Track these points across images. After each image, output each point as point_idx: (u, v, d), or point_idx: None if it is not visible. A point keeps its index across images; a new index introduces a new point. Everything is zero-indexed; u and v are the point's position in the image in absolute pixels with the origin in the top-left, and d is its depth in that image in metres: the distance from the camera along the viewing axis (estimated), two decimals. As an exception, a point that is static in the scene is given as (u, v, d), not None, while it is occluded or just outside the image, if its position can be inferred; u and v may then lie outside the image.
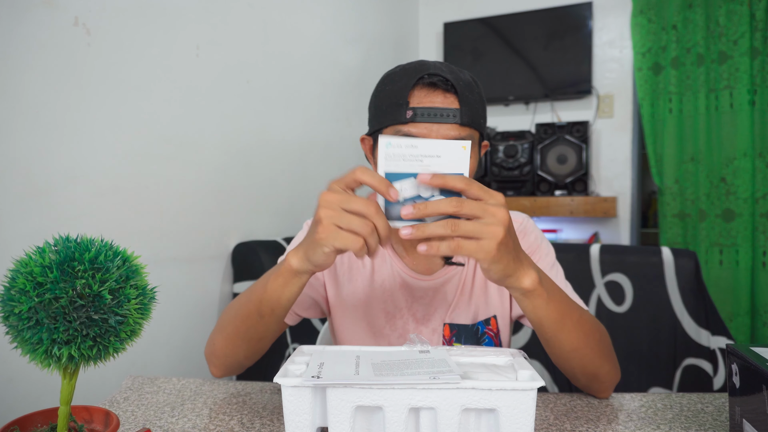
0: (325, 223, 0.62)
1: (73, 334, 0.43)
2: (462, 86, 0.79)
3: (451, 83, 0.78)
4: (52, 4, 1.09)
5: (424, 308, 0.91)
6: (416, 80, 0.78)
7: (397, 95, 0.79)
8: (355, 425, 0.53)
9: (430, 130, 0.77)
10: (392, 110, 0.79)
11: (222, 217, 1.61)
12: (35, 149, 1.07)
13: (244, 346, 0.80)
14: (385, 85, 0.83)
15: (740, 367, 0.59)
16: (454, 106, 0.78)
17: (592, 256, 1.41)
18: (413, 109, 0.77)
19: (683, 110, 2.63)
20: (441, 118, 0.77)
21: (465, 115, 0.78)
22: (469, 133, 0.79)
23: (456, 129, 0.78)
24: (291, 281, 0.70)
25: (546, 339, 0.72)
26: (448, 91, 0.78)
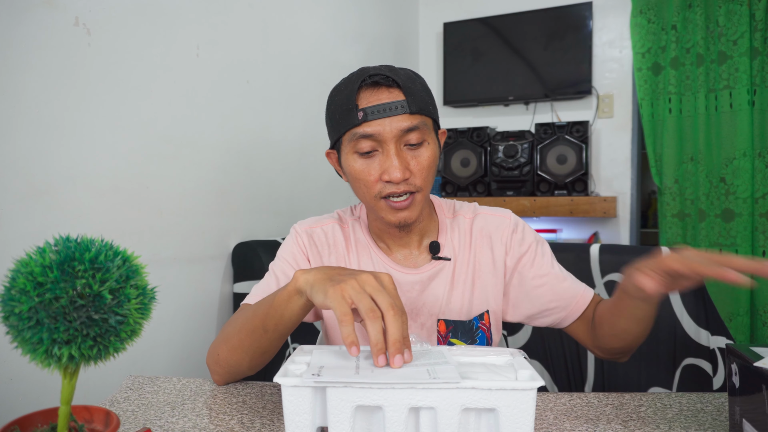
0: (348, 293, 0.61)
1: (73, 334, 0.43)
2: (403, 79, 0.83)
3: (391, 78, 0.82)
4: (52, 4, 1.09)
5: (411, 302, 0.92)
6: (359, 84, 0.82)
7: (345, 102, 0.83)
8: (355, 425, 0.53)
9: (383, 126, 0.81)
10: (344, 117, 0.83)
11: (222, 217, 1.61)
12: (35, 149, 1.07)
13: (248, 358, 0.80)
14: (333, 97, 0.87)
15: (740, 367, 0.59)
16: (400, 98, 0.81)
17: (591, 256, 1.41)
18: (363, 110, 0.81)
19: (683, 110, 2.63)
20: (390, 111, 0.80)
21: (412, 104, 0.81)
22: (421, 120, 0.83)
23: (407, 118, 0.81)
24: (294, 299, 0.71)
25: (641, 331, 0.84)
26: (390, 86, 0.82)
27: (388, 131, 0.81)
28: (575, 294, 0.93)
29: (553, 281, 0.93)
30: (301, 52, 2.01)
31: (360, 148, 0.82)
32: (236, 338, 0.81)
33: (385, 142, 0.81)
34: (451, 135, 2.89)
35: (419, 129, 0.82)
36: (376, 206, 0.86)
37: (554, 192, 2.75)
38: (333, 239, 0.95)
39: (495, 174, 2.83)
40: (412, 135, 0.82)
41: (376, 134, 0.81)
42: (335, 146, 0.89)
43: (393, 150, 0.81)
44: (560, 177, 2.73)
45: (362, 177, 0.84)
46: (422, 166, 0.83)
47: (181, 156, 1.44)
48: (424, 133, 0.83)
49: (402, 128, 0.81)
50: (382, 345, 0.58)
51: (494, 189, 2.84)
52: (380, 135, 0.81)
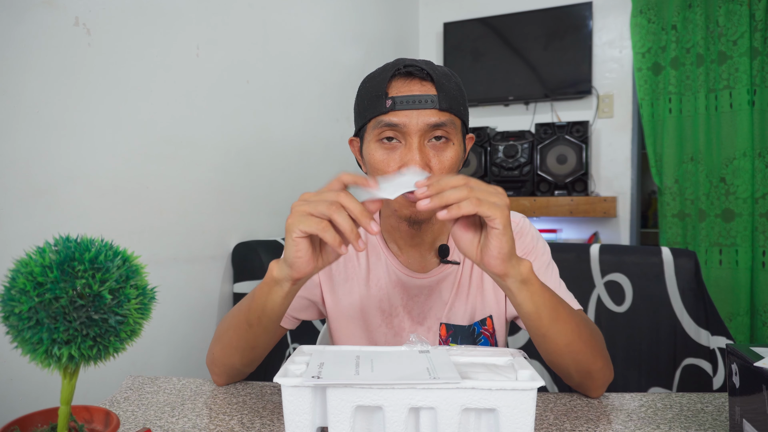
0: (293, 211, 0.65)
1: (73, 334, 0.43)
2: (438, 74, 0.81)
3: (426, 72, 0.80)
4: (52, 4, 1.09)
5: (419, 306, 0.91)
6: (393, 72, 0.81)
7: (376, 89, 0.81)
8: (355, 425, 0.53)
9: (410, 117, 0.79)
10: (373, 103, 0.81)
11: (222, 217, 1.61)
12: (35, 149, 1.07)
13: (239, 355, 0.80)
14: (365, 83, 0.85)
15: (740, 367, 0.59)
16: (431, 92, 0.80)
17: (591, 256, 1.41)
18: (392, 99, 0.79)
19: (683, 110, 2.63)
20: (419, 104, 0.79)
21: (443, 101, 0.79)
22: (449, 119, 0.81)
23: (435, 114, 0.79)
24: (273, 290, 0.71)
25: (542, 333, 0.72)
26: (424, 79, 0.81)
27: (414, 123, 0.79)
28: None
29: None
30: (301, 53, 2.01)
31: (383, 135, 0.81)
32: (225, 336, 0.81)
33: (410, 134, 0.79)
34: (451, 135, 2.89)
35: (446, 126, 0.80)
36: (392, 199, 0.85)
37: (554, 192, 2.75)
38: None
39: (495, 174, 2.83)
40: (438, 131, 0.80)
41: (401, 125, 0.79)
42: (359, 133, 0.87)
43: (416, 144, 0.79)
44: (560, 177, 2.73)
45: (381, 167, 0.81)
46: (443, 165, 0.81)
47: (181, 156, 1.44)
48: (450, 132, 0.81)
49: (429, 123, 0.79)
50: (355, 229, 0.63)
51: (494, 189, 2.84)
52: (406, 126, 0.79)
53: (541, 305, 0.69)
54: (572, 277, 1.11)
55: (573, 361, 0.74)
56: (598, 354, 0.77)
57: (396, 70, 0.81)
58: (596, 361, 0.76)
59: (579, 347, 0.74)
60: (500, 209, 0.63)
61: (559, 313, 0.71)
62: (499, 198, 0.63)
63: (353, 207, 0.63)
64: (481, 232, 0.67)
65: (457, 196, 0.62)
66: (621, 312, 1.39)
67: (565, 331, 0.72)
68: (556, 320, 0.71)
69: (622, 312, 1.39)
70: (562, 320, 0.71)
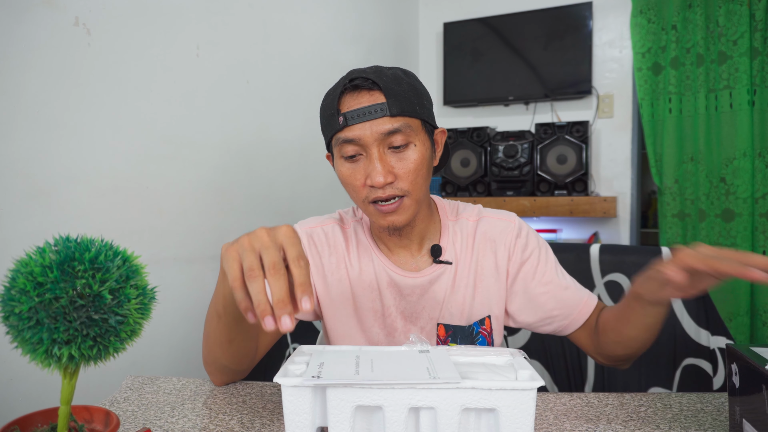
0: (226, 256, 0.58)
1: (73, 334, 0.43)
2: (386, 81, 0.81)
3: (371, 80, 0.80)
4: (52, 4, 1.09)
5: (411, 306, 0.91)
6: (342, 89, 0.82)
7: (329, 107, 0.83)
8: (355, 425, 0.53)
9: (363, 130, 0.80)
10: (329, 122, 0.83)
11: (222, 217, 1.61)
12: (35, 149, 1.07)
13: (220, 351, 0.80)
14: (323, 102, 0.87)
15: (740, 367, 0.59)
16: (380, 101, 0.80)
17: (591, 256, 1.41)
18: (344, 115, 0.80)
19: (683, 110, 2.63)
20: (369, 115, 0.79)
21: (393, 107, 0.80)
22: (404, 122, 0.81)
23: (388, 121, 0.80)
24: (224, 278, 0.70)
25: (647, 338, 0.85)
26: (371, 89, 0.81)
27: (369, 135, 0.80)
28: (578, 302, 0.92)
29: (556, 289, 0.92)
30: (301, 53, 2.01)
31: (345, 153, 0.82)
32: (205, 331, 0.82)
33: (367, 146, 0.80)
34: (451, 135, 2.89)
35: (402, 131, 0.80)
36: (366, 210, 0.85)
37: (554, 192, 2.75)
38: (333, 240, 0.95)
39: (495, 174, 2.83)
40: (394, 138, 0.80)
41: (357, 139, 0.80)
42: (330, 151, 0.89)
43: (376, 154, 0.80)
44: (560, 177, 2.73)
45: (350, 182, 0.84)
46: (408, 169, 0.81)
47: (181, 156, 1.44)
48: (408, 135, 0.81)
49: (383, 131, 0.80)
50: (265, 306, 0.53)
51: (494, 189, 2.85)
52: (361, 139, 0.80)
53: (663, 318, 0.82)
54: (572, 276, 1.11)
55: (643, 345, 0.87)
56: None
57: (344, 86, 0.82)
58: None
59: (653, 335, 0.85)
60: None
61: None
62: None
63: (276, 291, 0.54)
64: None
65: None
66: (621, 312, 1.39)
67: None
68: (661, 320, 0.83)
69: (622, 312, 1.39)
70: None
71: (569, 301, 0.91)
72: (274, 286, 0.54)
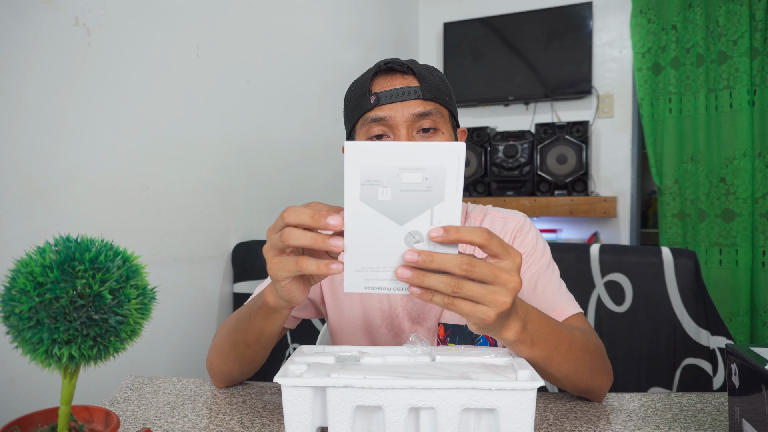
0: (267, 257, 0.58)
1: (73, 334, 0.43)
2: (419, 68, 0.82)
3: (407, 65, 0.82)
4: (52, 4, 1.09)
5: (418, 307, 0.91)
6: (375, 71, 0.82)
7: (360, 89, 0.83)
8: (355, 425, 0.53)
9: (395, 110, 0.80)
10: (359, 102, 0.83)
11: (222, 217, 1.61)
12: (35, 149, 1.07)
13: (237, 368, 0.80)
14: (350, 87, 0.87)
15: (740, 367, 0.59)
16: (413, 84, 0.81)
17: (591, 256, 1.41)
18: (376, 94, 0.81)
19: (683, 110, 2.63)
20: (402, 96, 0.80)
21: (426, 91, 0.80)
22: (435, 107, 0.81)
23: (420, 104, 0.80)
24: (272, 316, 0.68)
25: (537, 369, 0.69)
26: (405, 73, 0.82)
27: (400, 115, 0.80)
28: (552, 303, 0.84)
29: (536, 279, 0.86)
30: (301, 53, 2.01)
31: (371, 133, 0.82)
32: (223, 349, 0.80)
33: (397, 126, 0.80)
34: (451, 135, 2.89)
35: (432, 115, 0.81)
36: None
37: (554, 192, 2.75)
38: None
39: (495, 174, 2.83)
40: (425, 120, 0.81)
41: (387, 118, 0.80)
42: (350, 137, 0.89)
43: (404, 135, 0.80)
44: (560, 177, 2.73)
45: None
46: None
47: (181, 156, 1.44)
48: (438, 121, 0.82)
49: (414, 113, 0.80)
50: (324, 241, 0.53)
51: (494, 189, 2.85)
52: (392, 119, 0.80)
53: (529, 358, 0.64)
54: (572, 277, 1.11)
55: (571, 387, 0.74)
56: (597, 373, 0.75)
57: (378, 69, 0.83)
58: (595, 381, 0.74)
59: (575, 377, 0.72)
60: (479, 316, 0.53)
61: (553, 358, 0.67)
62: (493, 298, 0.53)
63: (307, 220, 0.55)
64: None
65: (439, 288, 0.52)
66: (621, 312, 1.39)
67: (560, 370, 0.69)
68: (549, 365, 0.67)
69: (622, 312, 1.39)
70: (556, 363, 0.68)
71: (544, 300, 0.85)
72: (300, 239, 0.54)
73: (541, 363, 0.66)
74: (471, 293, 0.52)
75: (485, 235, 0.53)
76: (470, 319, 0.54)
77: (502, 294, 0.53)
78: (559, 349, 0.68)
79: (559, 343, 0.68)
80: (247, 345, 0.74)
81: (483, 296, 0.52)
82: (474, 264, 0.52)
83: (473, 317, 0.53)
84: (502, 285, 0.53)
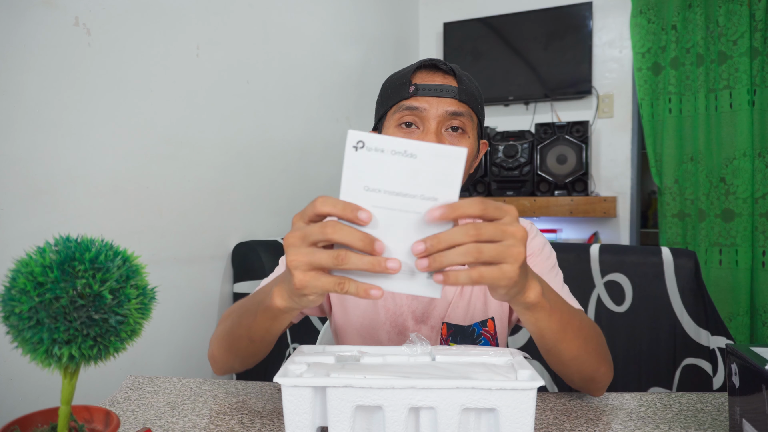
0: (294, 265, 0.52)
1: (73, 334, 0.43)
2: (460, 72, 0.86)
3: (450, 67, 0.85)
4: (52, 4, 1.09)
5: (423, 306, 0.91)
6: (419, 64, 0.86)
7: (401, 79, 0.86)
8: (355, 425, 0.53)
9: (430, 103, 0.83)
10: (397, 90, 0.86)
11: (222, 217, 1.61)
12: (35, 149, 1.07)
13: (239, 360, 0.80)
14: (391, 77, 0.90)
15: (740, 367, 0.59)
16: (453, 84, 0.84)
17: (591, 256, 1.41)
18: (416, 85, 0.84)
19: (683, 110, 2.63)
20: (440, 92, 0.83)
21: (463, 93, 0.84)
22: (467, 110, 0.85)
23: (455, 104, 0.83)
24: (280, 317, 0.66)
25: (546, 349, 0.70)
26: (447, 72, 0.85)
27: (434, 109, 0.82)
28: None
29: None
30: (301, 53, 2.01)
31: (403, 119, 0.84)
32: (226, 341, 0.79)
33: (428, 119, 0.83)
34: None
35: (464, 117, 0.84)
36: None
37: (554, 192, 2.75)
38: None
39: (495, 174, 2.83)
40: (456, 120, 0.84)
41: (422, 109, 0.83)
42: (378, 126, 0.91)
43: (434, 128, 0.82)
44: (560, 177, 2.73)
45: None
46: None
47: (181, 156, 1.44)
48: (467, 124, 0.85)
49: (448, 110, 0.83)
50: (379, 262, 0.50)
51: (494, 189, 2.85)
52: (426, 111, 0.83)
53: (545, 328, 0.65)
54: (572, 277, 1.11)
55: (577, 371, 0.74)
56: (602, 361, 0.76)
57: (422, 63, 0.86)
58: (600, 368, 0.75)
59: (584, 359, 0.72)
60: (506, 276, 0.52)
61: (567, 332, 0.68)
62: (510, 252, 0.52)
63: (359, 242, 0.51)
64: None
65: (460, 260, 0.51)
66: (621, 312, 1.39)
67: (571, 347, 0.69)
68: (562, 339, 0.67)
69: (622, 312, 1.39)
70: (569, 338, 0.68)
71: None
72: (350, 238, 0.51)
73: (556, 335, 0.66)
74: (490, 253, 0.51)
75: (480, 204, 0.53)
76: (499, 281, 0.53)
77: (515, 245, 0.52)
78: (572, 323, 0.69)
79: (572, 318, 0.69)
80: (251, 341, 0.74)
81: (501, 252, 0.52)
82: (478, 227, 0.52)
83: (502, 279, 0.52)
84: (511, 237, 0.52)
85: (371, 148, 0.50)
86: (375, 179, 0.51)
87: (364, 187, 0.51)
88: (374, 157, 0.50)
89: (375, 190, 0.51)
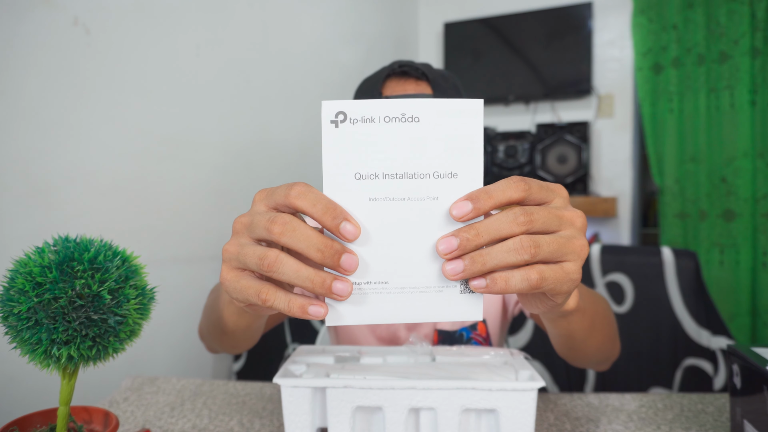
0: (224, 261, 0.42)
1: (72, 335, 0.43)
2: (434, 74, 0.79)
3: (421, 71, 0.78)
4: (52, 4, 1.09)
5: None
6: (388, 72, 0.79)
7: (370, 89, 0.79)
8: (355, 425, 0.53)
9: None
10: None
11: (222, 217, 1.61)
12: (35, 149, 1.07)
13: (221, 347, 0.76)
14: (361, 85, 0.84)
15: (741, 368, 0.59)
16: (426, 92, 0.78)
17: (592, 256, 1.41)
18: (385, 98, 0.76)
19: (684, 110, 2.63)
20: None
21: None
22: None
23: None
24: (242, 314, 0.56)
25: (570, 347, 0.66)
26: (419, 79, 0.79)
27: None
28: None
29: None
30: (301, 52, 2.01)
31: None
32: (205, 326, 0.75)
33: None
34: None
35: None
36: None
37: (555, 192, 2.75)
38: None
39: (495, 174, 2.83)
40: None
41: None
42: None
43: None
44: (561, 177, 2.73)
45: None
46: None
47: (180, 156, 1.44)
48: None
49: None
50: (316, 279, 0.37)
51: (494, 189, 2.84)
52: None
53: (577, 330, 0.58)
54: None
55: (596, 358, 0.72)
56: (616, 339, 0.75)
57: (391, 70, 0.79)
58: (614, 348, 0.74)
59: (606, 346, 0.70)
60: (570, 278, 0.39)
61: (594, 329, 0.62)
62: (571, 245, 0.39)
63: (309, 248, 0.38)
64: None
65: (511, 260, 0.37)
66: (622, 312, 1.39)
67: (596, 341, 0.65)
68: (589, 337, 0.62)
69: (622, 312, 1.39)
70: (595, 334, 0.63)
71: None
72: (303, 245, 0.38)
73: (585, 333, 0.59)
74: (550, 247, 0.37)
75: (521, 184, 0.39)
76: (562, 285, 0.39)
77: (576, 236, 0.39)
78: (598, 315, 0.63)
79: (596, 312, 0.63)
80: (224, 333, 0.64)
81: (561, 246, 0.38)
82: (530, 212, 0.38)
83: (565, 282, 0.39)
84: (569, 225, 0.39)
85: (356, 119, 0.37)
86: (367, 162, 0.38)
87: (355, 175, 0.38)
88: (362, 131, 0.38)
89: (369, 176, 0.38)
